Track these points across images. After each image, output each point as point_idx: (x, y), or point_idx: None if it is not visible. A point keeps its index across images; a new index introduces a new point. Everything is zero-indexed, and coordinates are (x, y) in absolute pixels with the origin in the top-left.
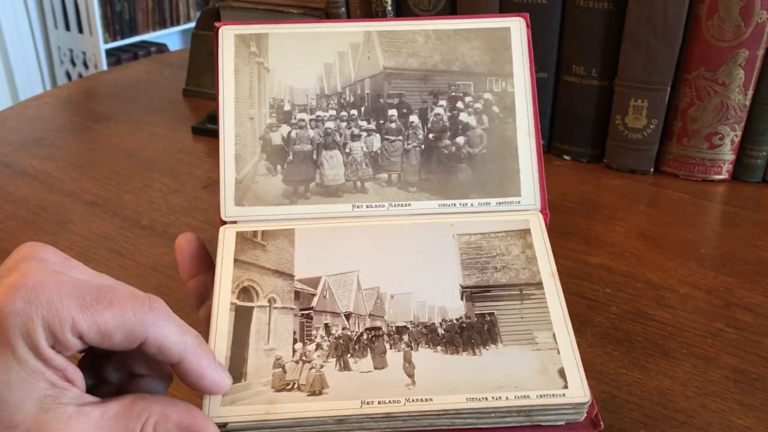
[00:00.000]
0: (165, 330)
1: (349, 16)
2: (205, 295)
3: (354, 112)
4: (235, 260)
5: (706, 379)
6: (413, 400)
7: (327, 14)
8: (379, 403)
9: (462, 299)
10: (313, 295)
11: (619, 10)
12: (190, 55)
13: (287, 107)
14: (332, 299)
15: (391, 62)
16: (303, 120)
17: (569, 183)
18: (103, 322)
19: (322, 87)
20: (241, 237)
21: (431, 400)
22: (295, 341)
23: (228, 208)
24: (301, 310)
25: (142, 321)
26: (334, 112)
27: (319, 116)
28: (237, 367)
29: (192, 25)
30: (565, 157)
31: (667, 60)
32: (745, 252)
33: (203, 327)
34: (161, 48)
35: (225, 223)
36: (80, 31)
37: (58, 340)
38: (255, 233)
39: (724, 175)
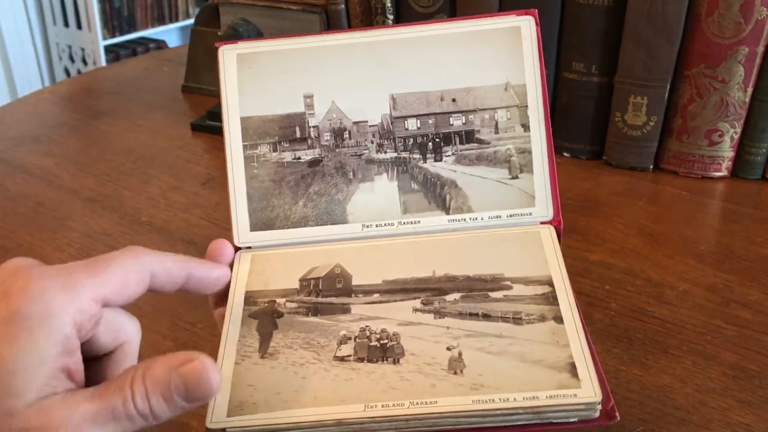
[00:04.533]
0: (160, 258)
1: (348, 13)
2: (223, 298)
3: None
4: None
5: (706, 376)
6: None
7: (326, 10)
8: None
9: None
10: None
11: (619, 6)
12: (188, 51)
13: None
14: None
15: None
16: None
17: (569, 180)
18: (115, 277)
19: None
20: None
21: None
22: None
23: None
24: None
25: (140, 259)
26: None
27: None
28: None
29: (191, 21)
30: (565, 154)
31: (667, 57)
32: (745, 249)
33: (215, 327)
34: (160, 44)
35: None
36: (79, 27)
37: (84, 311)
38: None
39: (724, 172)
